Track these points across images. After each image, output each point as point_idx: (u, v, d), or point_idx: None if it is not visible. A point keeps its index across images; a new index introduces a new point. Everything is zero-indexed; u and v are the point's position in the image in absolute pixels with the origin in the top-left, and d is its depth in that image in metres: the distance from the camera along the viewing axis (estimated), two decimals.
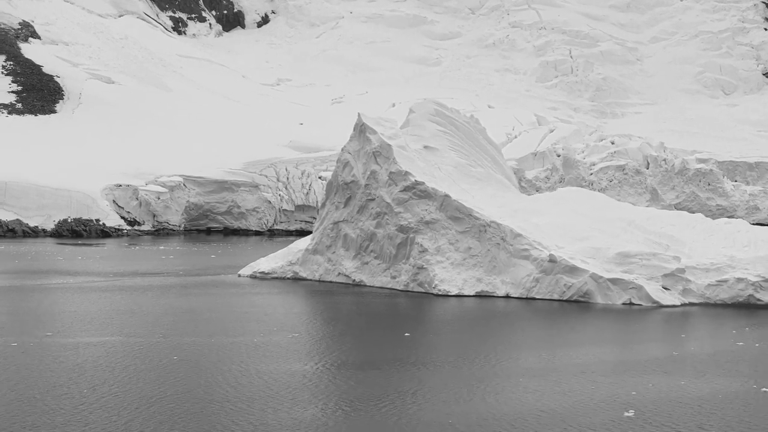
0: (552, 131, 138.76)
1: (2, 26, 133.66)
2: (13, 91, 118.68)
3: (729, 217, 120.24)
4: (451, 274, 45.38)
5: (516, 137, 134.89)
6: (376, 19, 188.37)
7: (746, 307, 41.40)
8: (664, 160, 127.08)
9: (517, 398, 23.09)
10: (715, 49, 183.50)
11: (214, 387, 23.53)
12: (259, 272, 52.80)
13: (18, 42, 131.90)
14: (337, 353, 28.79)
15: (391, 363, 27.28)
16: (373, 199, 48.73)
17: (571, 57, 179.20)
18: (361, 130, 50.24)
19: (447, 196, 46.47)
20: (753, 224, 53.79)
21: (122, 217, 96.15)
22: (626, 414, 21.63)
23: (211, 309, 38.44)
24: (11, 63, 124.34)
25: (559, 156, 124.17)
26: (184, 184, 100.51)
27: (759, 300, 42.22)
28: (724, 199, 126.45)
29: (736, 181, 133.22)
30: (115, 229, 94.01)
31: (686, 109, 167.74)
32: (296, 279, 51.45)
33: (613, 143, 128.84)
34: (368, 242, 48.97)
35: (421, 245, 46.25)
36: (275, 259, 53.85)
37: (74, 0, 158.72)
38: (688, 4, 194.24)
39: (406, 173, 47.40)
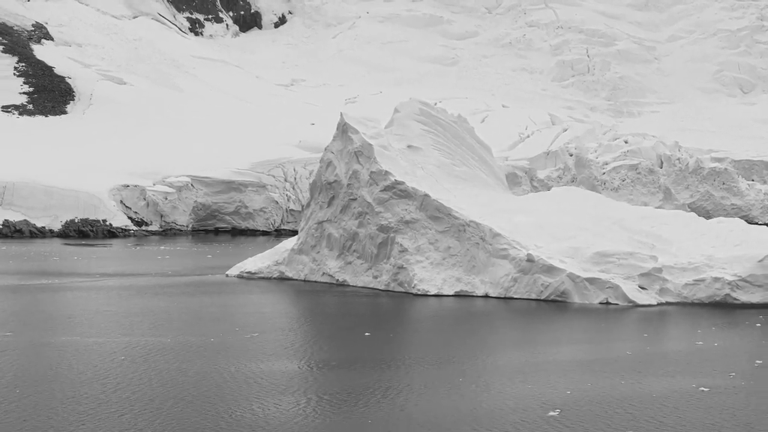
0: (565, 131, 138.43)
1: (15, 28, 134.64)
2: (24, 93, 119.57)
3: (743, 216, 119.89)
4: (431, 274, 45.29)
5: (529, 137, 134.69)
6: (392, 19, 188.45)
7: (722, 307, 41.13)
8: (678, 159, 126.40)
9: (442, 398, 23.01)
10: (733, 48, 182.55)
11: (142, 387, 23.59)
12: (246, 272, 52.90)
13: (31, 44, 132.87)
14: (283, 353, 28.77)
15: (335, 363, 27.27)
16: (355, 199, 48.73)
17: (587, 56, 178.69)
18: (343, 129, 50.24)
19: (427, 195, 46.40)
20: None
21: (129, 218, 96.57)
22: (550, 413, 21.54)
23: (181, 309, 38.57)
24: (23, 64, 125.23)
25: (571, 155, 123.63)
26: (191, 185, 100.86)
27: (735, 299, 41.94)
28: (738, 199, 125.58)
29: (752, 180, 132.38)
30: (122, 229, 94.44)
31: (704, 108, 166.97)
32: (282, 279, 51.51)
33: (626, 142, 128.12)
34: (351, 242, 48.99)
35: (401, 245, 46.19)
36: (262, 259, 53.97)
37: (89, 2, 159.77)
38: (707, 2, 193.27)
39: (386, 173, 47.37)
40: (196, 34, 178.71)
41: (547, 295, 42.72)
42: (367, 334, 32.67)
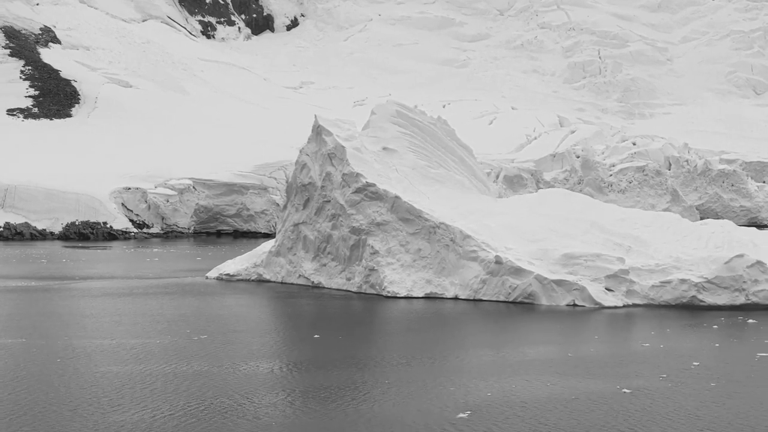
0: (573, 132, 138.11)
1: (23, 32, 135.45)
2: (30, 96, 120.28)
3: (752, 218, 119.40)
4: (401, 276, 45.21)
5: (536, 139, 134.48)
6: (404, 21, 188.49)
7: (688, 309, 40.89)
8: (687, 160, 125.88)
9: (357, 402, 22.95)
10: (746, 49, 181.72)
11: (61, 388, 23.68)
12: (225, 274, 52.93)
13: (38, 47, 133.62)
14: (220, 355, 28.68)
15: (268, 365, 27.27)
16: (329, 201, 48.74)
17: (599, 58, 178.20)
18: (317, 131, 50.29)
19: (397, 197, 46.32)
20: None
21: (131, 220, 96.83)
22: (459, 415, 21.45)
23: (140, 311, 38.55)
24: (29, 68, 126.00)
25: (578, 157, 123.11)
26: (193, 187, 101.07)
27: (702, 301, 41.68)
28: (747, 200, 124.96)
29: (764, 181, 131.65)
30: (122, 231, 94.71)
31: (716, 110, 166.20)
32: (260, 281, 51.49)
33: (634, 144, 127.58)
34: (325, 244, 48.97)
35: (372, 247, 46.13)
36: (241, 262, 54.00)
37: (98, 5, 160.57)
38: (720, 4, 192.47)
39: (358, 175, 47.35)
40: (209, 37, 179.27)
41: (515, 297, 42.59)
42: (316, 336, 32.67)
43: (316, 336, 32.67)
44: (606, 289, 42.38)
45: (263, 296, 45.86)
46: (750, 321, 37.16)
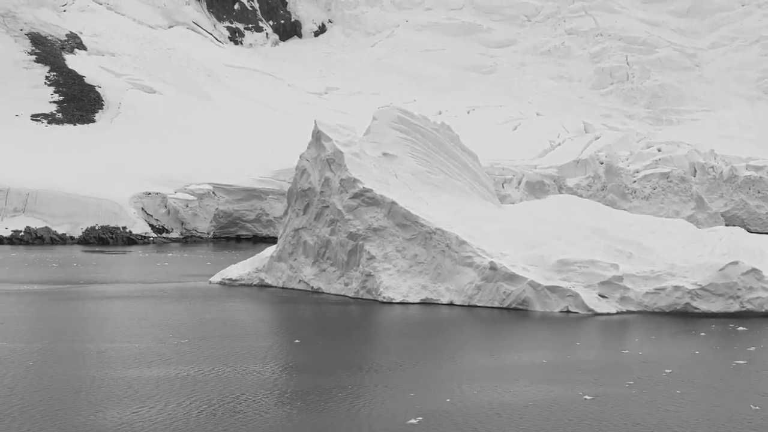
0: (597, 138, 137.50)
1: (49, 38, 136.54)
2: (54, 101, 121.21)
3: None
4: (397, 282, 45.18)
5: (560, 145, 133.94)
6: (431, 27, 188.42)
7: (682, 316, 40.58)
8: (712, 167, 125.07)
9: (303, 407, 22.94)
10: None
11: (31, 391, 23.84)
12: (227, 279, 53.08)
13: (63, 53, 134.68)
14: (191, 359, 28.72)
15: (238, 369, 27.28)
16: (328, 207, 48.82)
17: (627, 64, 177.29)
18: (317, 137, 50.39)
19: (394, 203, 46.30)
20: None
21: (151, 225, 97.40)
22: (410, 421, 21.37)
23: (128, 315, 38.69)
24: (54, 74, 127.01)
25: (602, 164, 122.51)
26: (213, 192, 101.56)
27: (696, 308, 41.36)
28: None
29: None
30: (142, 236, 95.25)
31: (745, 116, 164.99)
32: (262, 286, 51.60)
33: (659, 150, 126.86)
34: (324, 249, 49.03)
35: (369, 252, 46.13)
36: (244, 267, 54.15)
37: (124, 12, 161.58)
38: (750, 9, 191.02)
39: (355, 180, 47.39)
40: (236, 43, 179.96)
41: (509, 303, 42.44)
42: (296, 341, 32.69)
43: (296, 341, 32.68)
44: (600, 295, 42.16)
45: (259, 301, 45.92)
46: (740, 328, 36.81)
